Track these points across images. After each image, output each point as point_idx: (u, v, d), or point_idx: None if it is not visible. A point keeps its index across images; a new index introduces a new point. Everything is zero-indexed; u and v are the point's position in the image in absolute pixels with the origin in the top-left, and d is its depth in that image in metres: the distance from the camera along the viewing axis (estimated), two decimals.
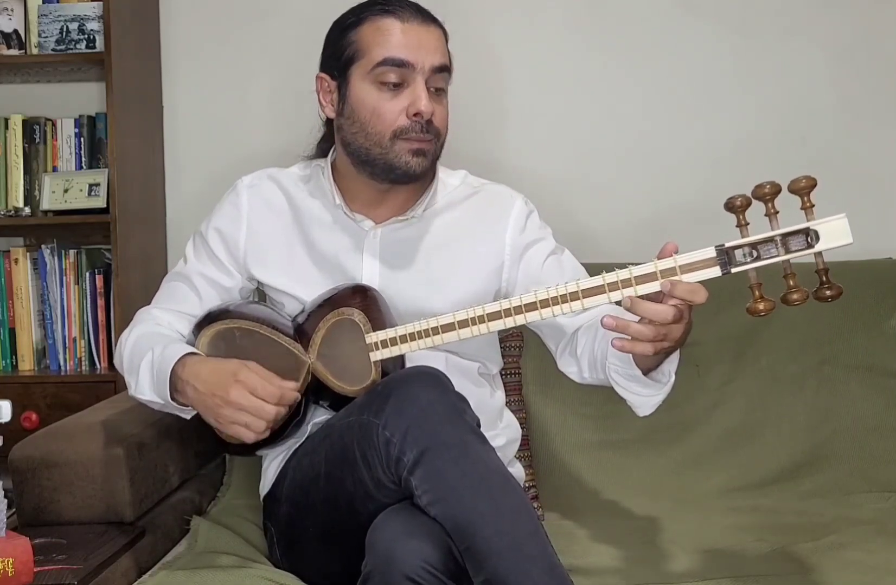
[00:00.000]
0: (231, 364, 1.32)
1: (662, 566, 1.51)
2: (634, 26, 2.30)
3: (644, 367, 1.33)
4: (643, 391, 1.37)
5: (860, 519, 1.71)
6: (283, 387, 1.30)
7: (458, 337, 1.30)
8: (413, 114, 1.41)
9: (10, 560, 1.19)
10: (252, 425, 1.29)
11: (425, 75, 1.41)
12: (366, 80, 1.42)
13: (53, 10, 2.26)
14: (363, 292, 1.42)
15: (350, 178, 1.50)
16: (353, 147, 1.46)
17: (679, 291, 1.15)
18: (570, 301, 1.21)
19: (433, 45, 1.43)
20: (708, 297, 1.16)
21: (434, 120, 1.42)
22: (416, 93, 1.41)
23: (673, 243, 1.18)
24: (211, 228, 1.56)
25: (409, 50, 1.40)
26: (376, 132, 1.42)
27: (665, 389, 1.36)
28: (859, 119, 2.28)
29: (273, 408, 1.29)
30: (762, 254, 1.14)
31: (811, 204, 1.11)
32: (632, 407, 1.41)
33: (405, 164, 1.43)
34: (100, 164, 2.34)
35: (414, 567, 1.17)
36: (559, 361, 1.55)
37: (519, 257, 1.54)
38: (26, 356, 2.32)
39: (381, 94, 1.41)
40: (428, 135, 1.43)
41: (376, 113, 1.42)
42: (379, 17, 1.42)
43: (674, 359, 1.33)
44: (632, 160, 2.31)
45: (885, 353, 1.96)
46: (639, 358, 1.32)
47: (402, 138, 1.42)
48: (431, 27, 1.44)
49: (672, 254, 1.17)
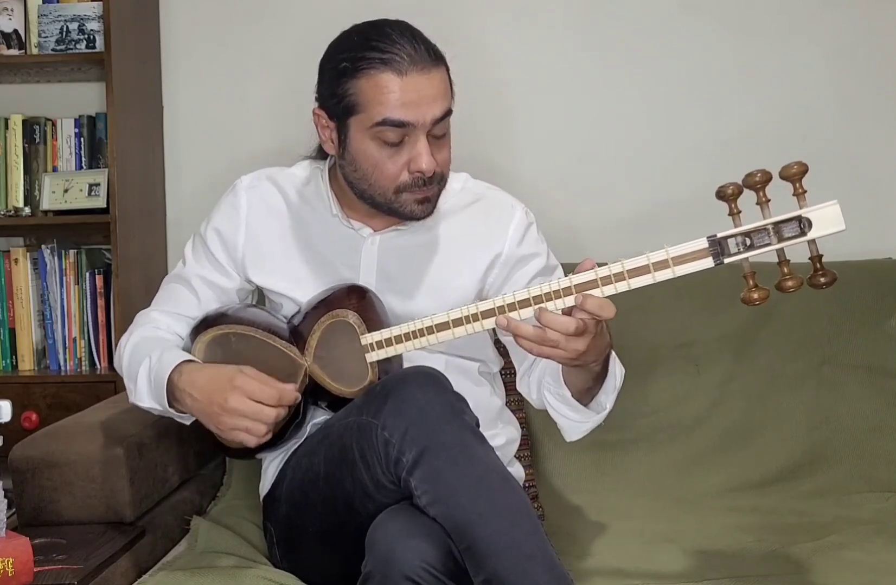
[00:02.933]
0: (227, 370, 1.32)
1: (662, 566, 1.51)
2: (634, 26, 2.30)
3: (573, 388, 1.37)
4: (572, 415, 1.41)
5: (860, 519, 1.71)
6: (281, 388, 1.30)
7: (452, 335, 1.30)
8: (415, 171, 1.38)
9: (10, 560, 1.19)
10: (253, 429, 1.29)
11: (426, 129, 1.37)
12: (366, 134, 1.38)
13: (53, 10, 2.26)
14: (359, 293, 1.42)
15: (348, 191, 1.48)
16: (356, 188, 1.44)
17: (589, 305, 1.17)
18: (564, 296, 1.21)
19: (434, 94, 1.36)
20: (615, 314, 1.18)
21: (436, 170, 1.40)
22: (417, 150, 1.37)
23: (590, 260, 1.20)
24: (210, 229, 1.55)
25: (409, 109, 1.35)
26: (379, 185, 1.41)
27: (595, 418, 1.40)
28: (859, 118, 2.28)
29: (273, 411, 1.29)
30: (755, 242, 1.13)
31: (803, 190, 1.11)
32: (561, 430, 1.46)
33: (411, 212, 1.43)
34: (100, 164, 2.34)
35: (414, 567, 1.17)
36: (518, 382, 1.56)
37: (510, 267, 1.53)
38: (26, 356, 2.32)
39: (381, 150, 1.38)
40: (431, 185, 1.41)
41: (378, 168, 1.39)
42: (376, 72, 1.34)
43: (609, 391, 1.37)
44: (632, 159, 2.31)
45: (885, 353, 1.96)
46: (567, 377, 1.36)
47: (406, 191, 1.40)
48: (432, 73, 1.36)
49: (592, 267, 1.19)
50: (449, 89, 1.40)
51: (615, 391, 1.38)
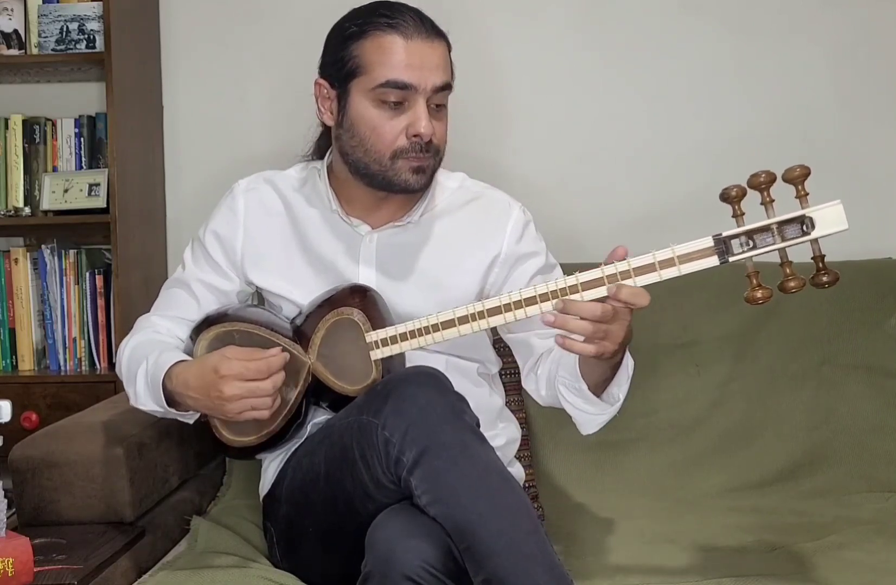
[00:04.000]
0: (210, 361, 1.32)
1: (662, 565, 1.51)
2: (634, 26, 2.30)
3: (590, 381, 1.37)
4: (588, 408, 1.41)
5: (860, 519, 1.71)
6: (266, 358, 1.30)
7: (458, 333, 1.31)
8: (413, 135, 1.40)
9: (10, 560, 1.19)
10: (258, 404, 1.30)
11: (427, 95, 1.39)
12: (366, 97, 1.40)
13: (53, 10, 2.26)
14: (362, 292, 1.42)
15: (346, 183, 1.50)
16: (351, 158, 1.45)
17: (623, 295, 1.18)
18: (570, 294, 1.22)
19: (436, 63, 1.40)
20: (650, 302, 1.19)
21: (434, 138, 1.41)
22: (416, 114, 1.39)
23: (623, 247, 1.21)
24: (208, 232, 1.56)
25: (412, 71, 1.38)
26: (376, 150, 1.41)
27: (610, 410, 1.41)
28: (859, 118, 2.28)
29: (268, 382, 1.29)
30: (759, 242, 1.14)
31: (805, 192, 1.12)
32: (576, 424, 1.46)
33: (405, 182, 1.43)
34: (100, 164, 2.33)
35: (414, 566, 1.17)
36: (524, 379, 1.57)
37: (510, 266, 1.54)
38: (26, 356, 2.32)
39: (381, 112, 1.40)
40: (428, 154, 1.42)
41: (376, 131, 1.41)
42: (382, 33, 1.38)
43: (622, 382, 1.37)
44: (632, 159, 2.31)
45: (885, 353, 1.96)
46: (584, 370, 1.36)
47: (401, 157, 1.41)
48: (435, 43, 1.40)
49: (624, 258, 1.20)
50: (450, 66, 1.44)
51: (628, 381, 1.38)
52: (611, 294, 1.19)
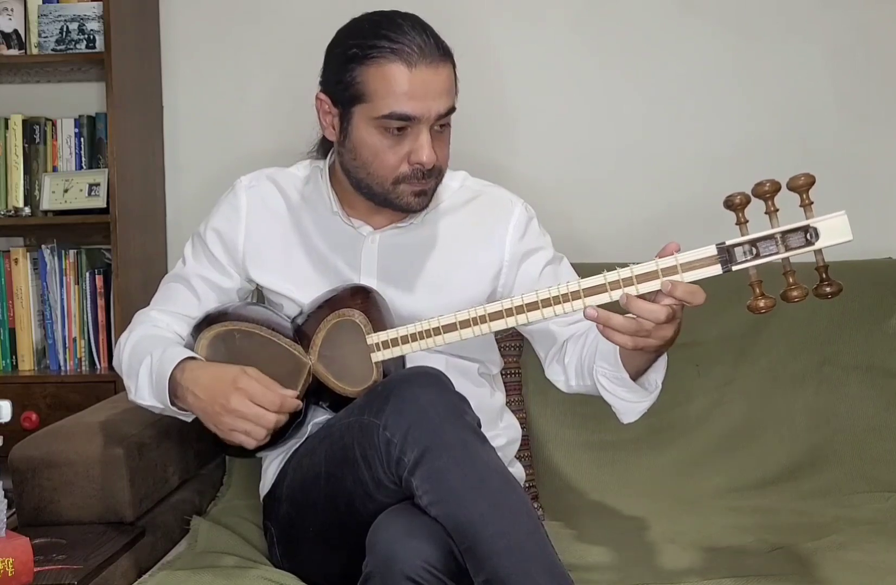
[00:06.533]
0: (231, 370, 1.32)
1: (662, 566, 1.51)
2: (634, 27, 2.30)
3: (632, 370, 1.35)
4: (629, 396, 1.39)
5: (860, 519, 1.71)
6: (283, 395, 1.30)
7: (459, 337, 1.30)
8: (415, 163, 1.39)
9: (10, 560, 1.19)
10: (252, 432, 1.29)
11: (430, 123, 1.38)
12: (369, 124, 1.38)
13: (53, 10, 2.26)
14: (363, 293, 1.41)
15: (348, 189, 1.49)
16: (353, 176, 1.44)
17: (679, 292, 1.16)
18: (572, 300, 1.21)
19: (440, 90, 1.37)
20: (707, 299, 1.17)
21: (436, 164, 1.40)
22: (419, 142, 1.37)
23: (675, 243, 1.19)
24: (209, 229, 1.55)
25: (416, 102, 1.35)
26: (378, 174, 1.41)
27: (651, 397, 1.39)
28: (859, 119, 2.28)
29: (273, 416, 1.29)
30: (762, 251, 1.14)
31: (810, 201, 1.11)
32: (617, 413, 1.43)
33: (406, 204, 1.43)
34: (100, 164, 2.33)
35: (414, 567, 1.17)
36: (547, 369, 1.56)
37: (517, 264, 1.54)
38: (26, 356, 2.32)
39: (383, 139, 1.38)
40: (429, 179, 1.42)
41: (378, 157, 1.40)
42: (385, 61, 1.35)
43: (660, 368, 1.36)
44: (632, 161, 2.31)
45: (885, 353, 1.96)
46: (626, 359, 1.34)
47: (403, 182, 1.41)
48: (440, 68, 1.37)
49: (674, 252, 1.18)
50: (454, 86, 1.41)
51: (665, 368, 1.37)
52: (666, 290, 1.16)
